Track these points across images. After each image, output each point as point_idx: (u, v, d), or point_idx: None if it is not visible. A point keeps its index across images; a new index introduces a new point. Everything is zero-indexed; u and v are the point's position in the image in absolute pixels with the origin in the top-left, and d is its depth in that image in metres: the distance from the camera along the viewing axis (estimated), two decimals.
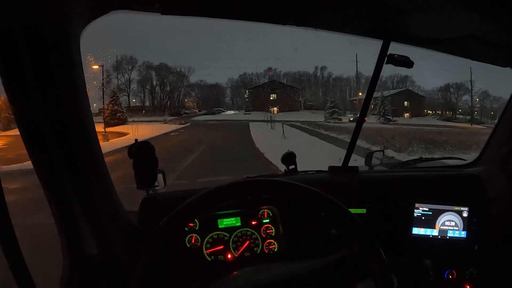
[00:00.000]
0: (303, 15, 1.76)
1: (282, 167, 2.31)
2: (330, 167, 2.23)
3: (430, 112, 75.81)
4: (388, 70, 2.13)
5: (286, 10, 1.71)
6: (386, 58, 2.05)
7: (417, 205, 2.11)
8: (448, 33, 1.87)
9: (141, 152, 1.78)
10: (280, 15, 1.77)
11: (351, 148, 2.37)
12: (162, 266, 1.07)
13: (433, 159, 2.84)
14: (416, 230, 2.11)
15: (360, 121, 2.33)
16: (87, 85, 1.33)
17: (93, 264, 1.46)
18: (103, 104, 48.01)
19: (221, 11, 1.69)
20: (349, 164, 2.32)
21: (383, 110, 57.46)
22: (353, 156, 2.38)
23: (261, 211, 2.00)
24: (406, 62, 2.06)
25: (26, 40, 1.08)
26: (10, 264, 1.08)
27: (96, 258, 1.46)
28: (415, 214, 2.11)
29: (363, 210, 2.05)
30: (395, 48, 2.06)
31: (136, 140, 1.80)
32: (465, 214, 2.10)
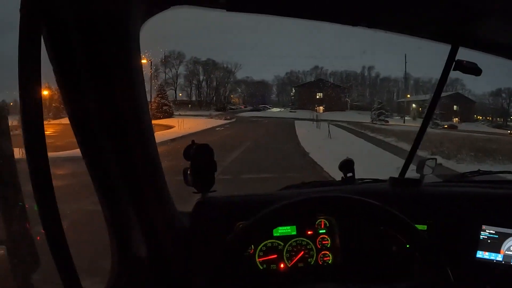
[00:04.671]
0: (375, 17, 1.70)
1: (328, 168, 2.24)
2: (391, 178, 2.12)
3: (480, 117, 74.00)
4: (438, 71, 2.02)
5: (358, 11, 1.65)
6: (454, 64, 1.94)
7: (484, 227, 1.95)
8: None
9: (200, 154, 1.71)
10: (353, 17, 1.70)
11: (410, 158, 2.26)
12: (233, 269, 1.07)
13: (491, 172, 2.67)
14: (480, 254, 1.95)
15: (422, 129, 2.22)
16: None
17: (142, 266, 1.43)
18: (151, 98, 49.23)
19: (291, 10, 1.63)
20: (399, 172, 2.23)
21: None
22: (396, 159, 2.28)
23: (318, 221, 1.91)
24: (474, 69, 1.96)
25: (84, 35, 1.05)
26: (55, 256, 1.03)
27: (145, 259, 1.43)
28: (481, 237, 1.95)
29: (424, 227, 1.92)
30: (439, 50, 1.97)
31: (193, 141, 1.73)
32: None
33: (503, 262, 1.93)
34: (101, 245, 1.46)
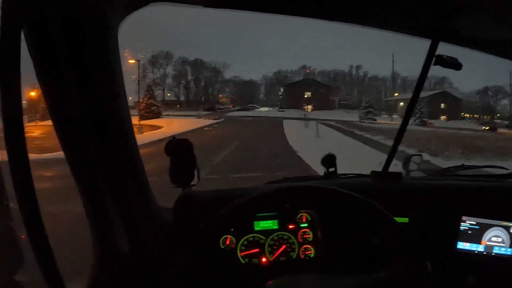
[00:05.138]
0: (352, 11, 1.69)
1: (315, 166, 2.25)
2: (373, 172, 2.12)
3: (468, 115, 74.36)
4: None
5: (335, 6, 1.64)
6: (434, 58, 1.94)
7: (464, 218, 1.96)
8: (504, 35, 1.76)
9: (179, 149, 1.74)
10: (329, 11, 1.69)
11: (392, 153, 2.26)
12: (202, 265, 1.06)
13: (475, 166, 2.65)
14: (461, 245, 1.97)
15: (404, 124, 2.22)
16: (124, 79, 1.30)
17: (124, 261, 1.44)
18: (139, 98, 49.03)
19: (268, 6, 1.62)
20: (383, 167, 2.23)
21: (419, 112, 56.46)
22: (384, 156, 2.28)
23: (299, 215, 1.92)
24: (455, 64, 1.95)
25: (62, 32, 1.05)
26: (37, 256, 1.04)
27: (127, 255, 1.43)
28: (462, 228, 1.96)
29: (406, 220, 1.93)
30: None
31: (173, 137, 1.75)
32: None
33: (484, 252, 1.95)
34: (85, 246, 1.47)
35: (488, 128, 55.29)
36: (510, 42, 1.81)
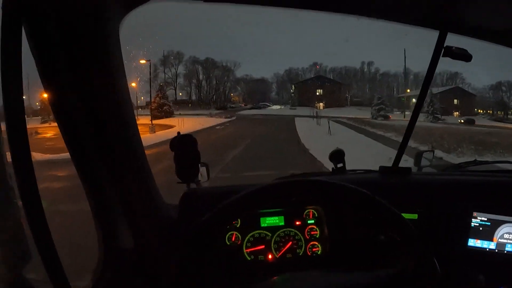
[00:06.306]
0: (358, 3, 1.65)
1: (327, 164, 2.21)
2: (381, 167, 2.08)
3: (481, 111, 73.40)
4: (438, 66, 1.98)
5: None
6: (443, 50, 1.91)
7: (475, 213, 1.90)
8: None
9: (183, 145, 1.74)
10: (334, 2, 1.66)
11: (402, 148, 2.22)
12: (200, 262, 1.04)
13: (487, 162, 2.61)
14: (472, 242, 1.90)
15: (413, 119, 2.19)
16: (135, 79, 1.30)
17: (128, 258, 1.45)
18: (150, 98, 49.22)
19: None
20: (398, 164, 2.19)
21: (432, 108, 55.89)
22: (396, 153, 2.25)
23: (306, 211, 1.90)
24: (464, 55, 1.90)
25: (62, 29, 1.05)
26: (41, 254, 1.05)
27: (131, 251, 1.44)
28: (473, 224, 1.90)
29: (415, 216, 1.88)
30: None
31: (178, 133, 1.76)
32: None
33: (496, 250, 1.89)
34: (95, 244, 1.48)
35: (463, 121, 55.26)
36: None
